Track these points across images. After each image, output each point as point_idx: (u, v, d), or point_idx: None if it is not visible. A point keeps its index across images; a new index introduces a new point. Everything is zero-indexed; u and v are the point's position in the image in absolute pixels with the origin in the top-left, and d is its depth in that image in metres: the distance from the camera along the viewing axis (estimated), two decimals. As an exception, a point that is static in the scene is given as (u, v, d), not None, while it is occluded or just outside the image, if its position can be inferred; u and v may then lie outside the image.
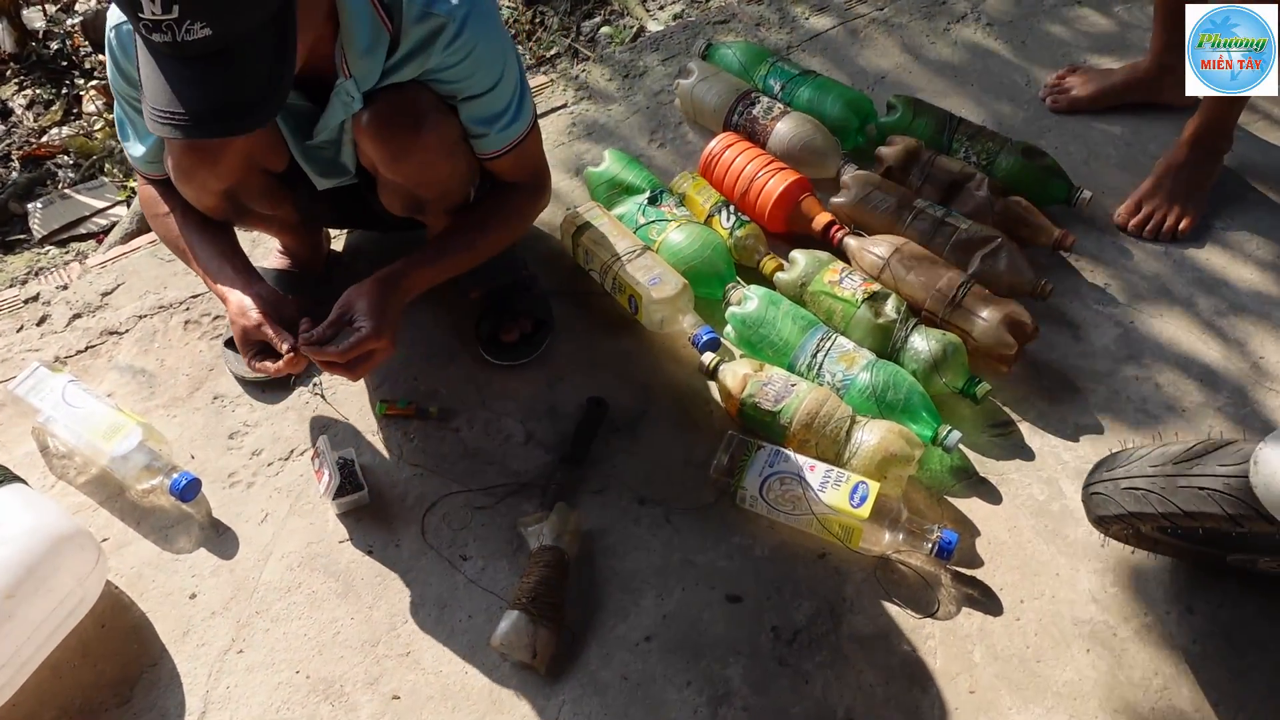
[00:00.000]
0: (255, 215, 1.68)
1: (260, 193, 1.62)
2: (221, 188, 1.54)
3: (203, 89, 1.18)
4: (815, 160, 2.08)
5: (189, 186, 1.54)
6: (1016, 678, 1.49)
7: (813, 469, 1.60)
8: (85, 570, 1.44)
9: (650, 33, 2.67)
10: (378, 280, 1.52)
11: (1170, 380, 1.84)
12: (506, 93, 1.53)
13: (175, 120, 1.18)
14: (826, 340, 1.77)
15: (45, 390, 1.67)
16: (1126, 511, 1.35)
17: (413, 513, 1.64)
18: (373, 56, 1.41)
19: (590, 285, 1.93)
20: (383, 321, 1.48)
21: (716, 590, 1.57)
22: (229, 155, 1.49)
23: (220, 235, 1.61)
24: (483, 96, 1.50)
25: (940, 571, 1.59)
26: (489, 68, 1.48)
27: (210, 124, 1.20)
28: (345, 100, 1.45)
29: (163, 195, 1.61)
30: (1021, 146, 2.08)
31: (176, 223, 1.60)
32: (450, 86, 1.49)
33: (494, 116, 1.54)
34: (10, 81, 2.78)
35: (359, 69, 1.42)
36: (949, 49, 2.48)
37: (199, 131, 1.20)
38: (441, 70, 1.46)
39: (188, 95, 1.17)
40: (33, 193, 2.47)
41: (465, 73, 1.47)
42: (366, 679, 1.48)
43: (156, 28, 1.13)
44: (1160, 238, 2.08)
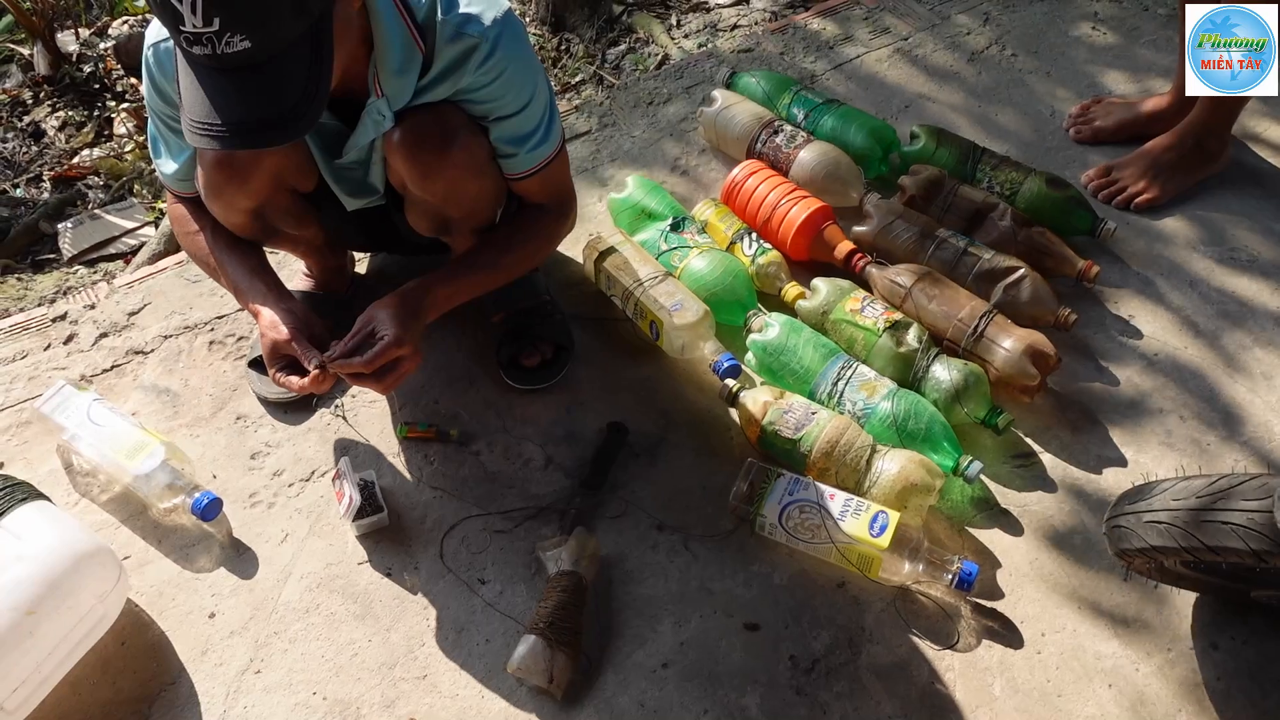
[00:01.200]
0: (282, 235, 1.69)
1: (288, 212, 1.63)
2: (250, 206, 1.56)
3: (241, 101, 1.20)
4: (838, 189, 2.08)
5: (218, 204, 1.56)
6: (1037, 712, 1.47)
7: (833, 497, 1.59)
8: (106, 588, 1.45)
9: (674, 60, 2.69)
10: (400, 294, 1.53)
11: (1195, 414, 1.82)
12: (536, 114, 1.54)
13: (214, 131, 1.20)
14: (848, 369, 1.76)
15: (70, 408, 1.69)
16: (1149, 545, 1.34)
17: (432, 535, 1.65)
18: (405, 76, 1.42)
19: (612, 311, 1.93)
20: (406, 330, 1.48)
21: (734, 618, 1.56)
22: (258, 174, 1.51)
23: (250, 253, 1.63)
24: (513, 117, 1.52)
25: (960, 603, 1.58)
26: (520, 89, 1.50)
27: (248, 135, 1.21)
28: (376, 119, 1.47)
29: (193, 214, 1.63)
30: (1045, 177, 2.08)
31: (206, 241, 1.62)
32: (481, 107, 1.50)
33: (524, 137, 1.55)
34: (44, 103, 2.82)
35: (391, 88, 1.43)
36: (973, 77, 2.48)
37: (237, 142, 1.22)
38: (473, 91, 1.47)
39: (226, 107, 1.19)
40: (63, 213, 2.51)
41: (497, 93, 1.48)
42: (383, 701, 1.48)
43: (197, 40, 1.15)
44: (1115, 203, 2.15)
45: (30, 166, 2.65)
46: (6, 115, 2.79)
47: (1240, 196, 2.18)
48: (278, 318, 1.51)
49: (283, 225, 1.65)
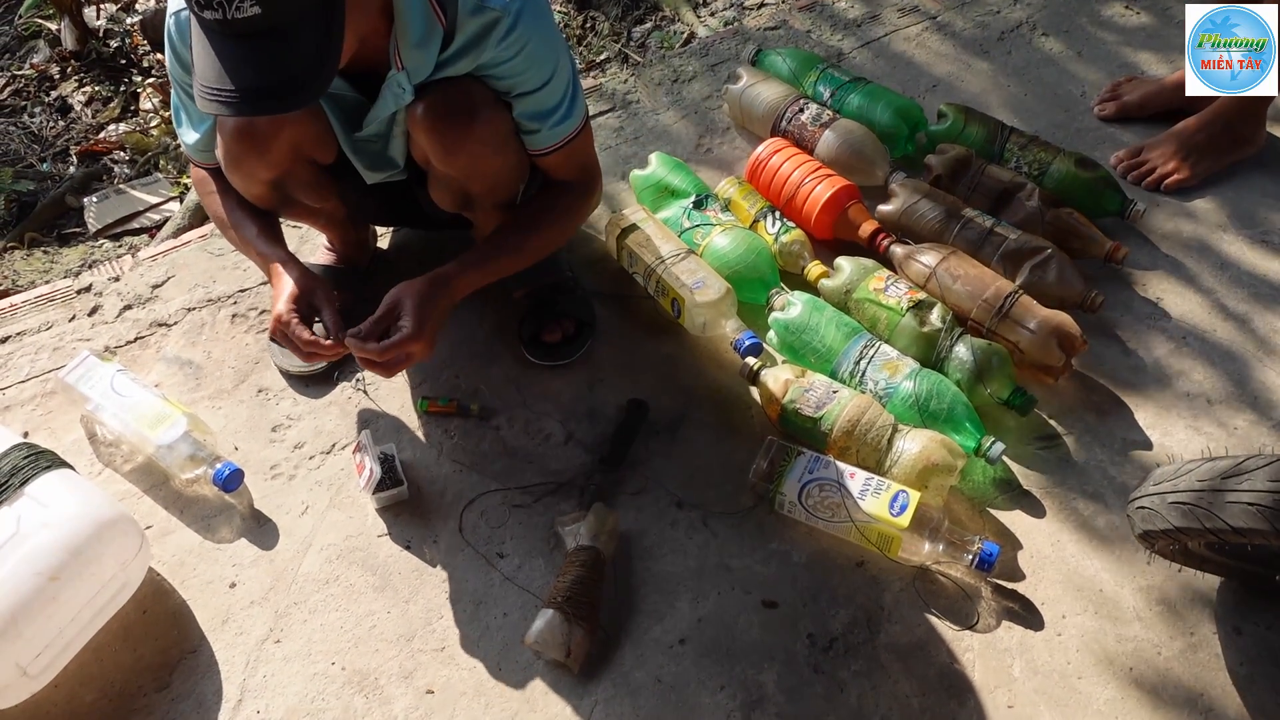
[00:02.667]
0: (303, 208, 1.70)
1: (308, 184, 1.63)
2: (270, 177, 1.56)
3: (251, 67, 1.20)
4: (863, 167, 2.06)
5: (238, 174, 1.56)
6: (1057, 694, 1.46)
7: (853, 476, 1.58)
8: (128, 556, 1.46)
9: (700, 38, 2.67)
10: (429, 280, 1.53)
11: (1223, 397, 1.80)
12: (559, 89, 1.53)
13: (224, 97, 1.20)
14: (870, 348, 1.75)
15: (94, 379, 1.70)
16: (1173, 527, 1.32)
17: (451, 509, 1.65)
18: (426, 49, 1.42)
19: (633, 288, 1.93)
20: (424, 324, 1.49)
21: (752, 595, 1.56)
22: (278, 144, 1.51)
23: (269, 222, 1.64)
24: (536, 93, 1.51)
25: (980, 584, 1.57)
26: (542, 63, 1.49)
27: (258, 101, 1.22)
28: (396, 92, 1.46)
29: (214, 180, 1.65)
30: (1075, 157, 2.06)
31: (228, 201, 1.63)
32: (504, 82, 1.49)
33: (547, 112, 1.54)
34: (71, 78, 2.83)
35: (412, 61, 1.43)
36: (1003, 57, 2.45)
37: (248, 108, 1.22)
38: (495, 65, 1.46)
39: (237, 73, 1.20)
40: (89, 187, 2.53)
41: (519, 68, 1.47)
42: (401, 672, 1.49)
43: (208, 5, 1.15)
44: (1144, 185, 2.13)
45: (57, 141, 2.66)
46: (34, 90, 2.81)
47: (1274, 179, 2.15)
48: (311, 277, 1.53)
49: (303, 197, 1.65)
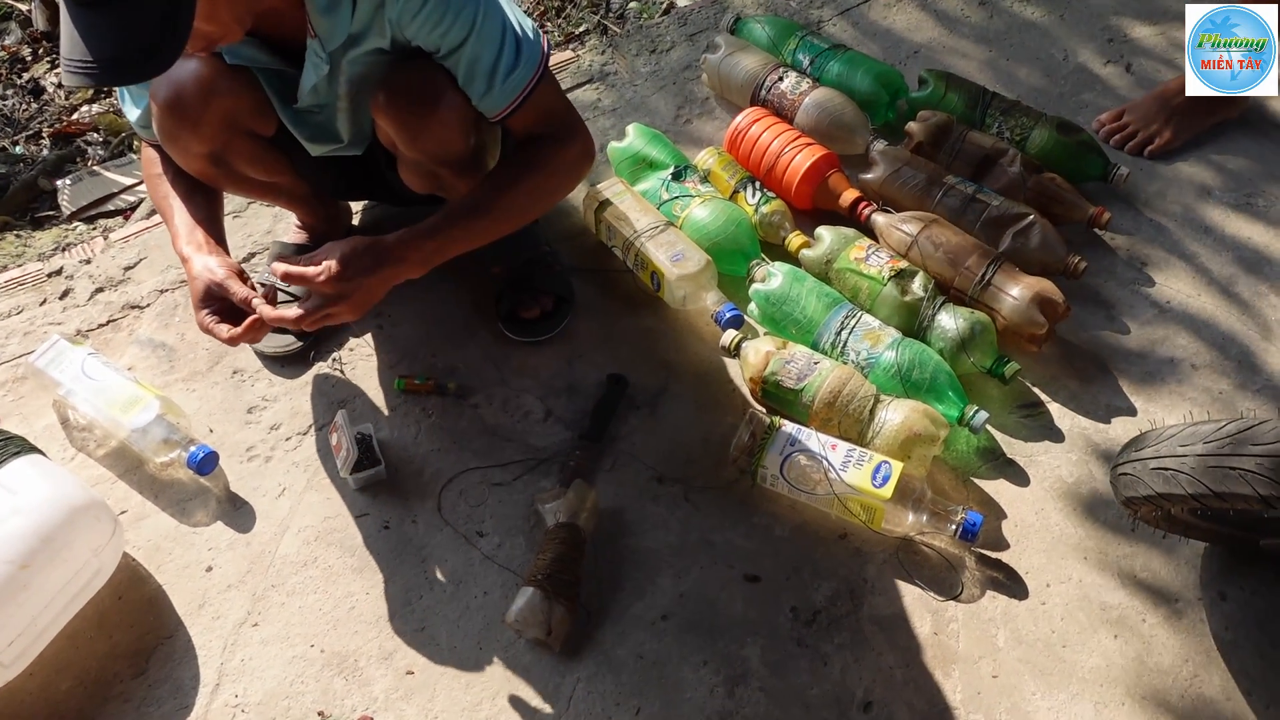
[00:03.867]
0: (254, 183, 1.67)
1: (250, 157, 1.60)
2: (206, 150, 1.54)
3: (101, 35, 1.17)
4: (844, 136, 2.04)
5: (175, 148, 1.54)
6: (1041, 663, 1.46)
7: (835, 448, 1.57)
8: (101, 541, 1.44)
9: (679, 7, 2.63)
10: (364, 239, 1.45)
11: (1207, 362, 1.78)
12: (492, 38, 1.43)
13: (82, 68, 1.17)
14: (851, 318, 1.73)
15: (65, 363, 1.67)
16: (1155, 492, 1.31)
17: (430, 488, 1.63)
18: (334, 14, 1.38)
19: (612, 262, 1.91)
20: (339, 276, 1.41)
21: (735, 570, 1.55)
22: (209, 116, 1.49)
23: (203, 202, 1.59)
24: (464, 46, 1.42)
25: (964, 554, 1.56)
26: (456, 9, 1.40)
27: (113, 71, 1.19)
28: (315, 61, 1.44)
29: (160, 158, 1.62)
30: (1056, 122, 2.03)
31: (166, 183, 1.60)
32: (425, 39, 1.42)
33: (489, 65, 1.45)
34: (43, 60, 2.79)
35: (322, 28, 1.40)
36: (984, 22, 2.43)
37: (106, 78, 1.19)
38: (408, 22, 1.40)
39: (93, 43, 1.17)
40: (62, 169, 2.49)
41: (432, 19, 1.39)
42: (381, 654, 1.47)
43: None
44: (1128, 149, 2.12)
45: (29, 123, 2.62)
46: (5, 72, 2.76)
47: (1258, 141, 2.13)
48: (214, 261, 1.48)
49: (248, 171, 1.62)
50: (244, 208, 2.03)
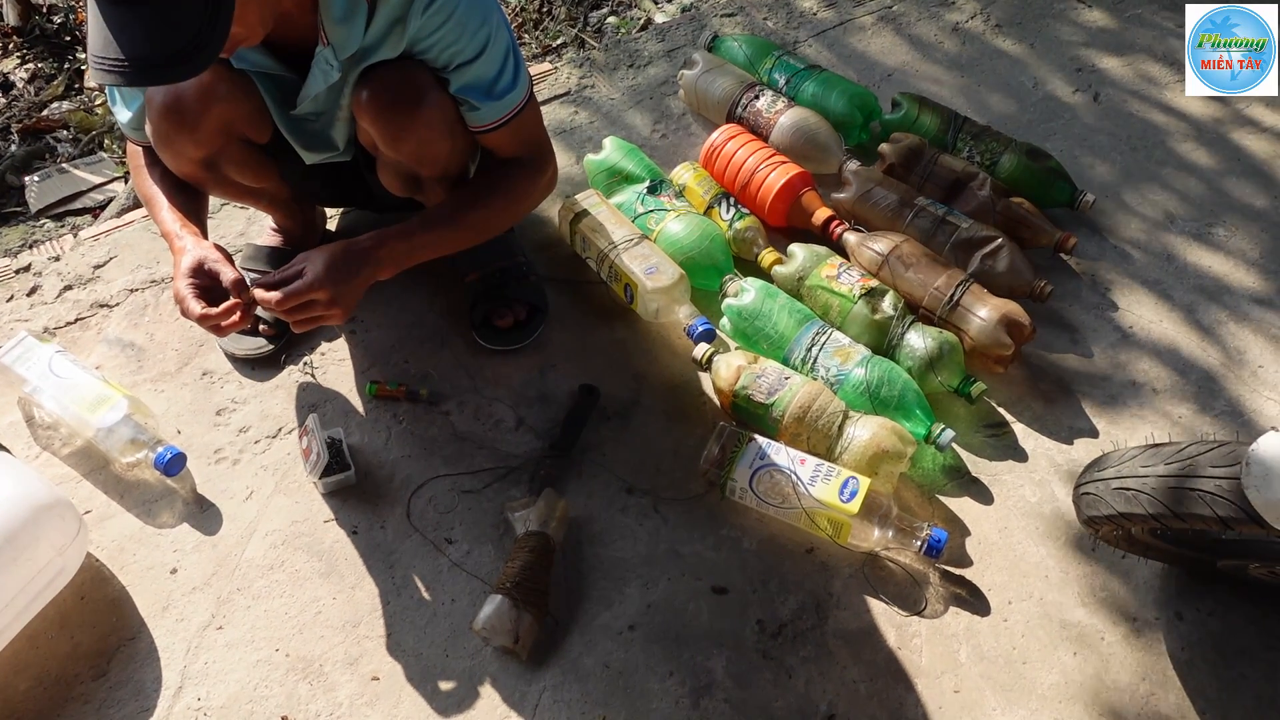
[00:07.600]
0: (240, 188, 1.66)
1: (242, 163, 1.60)
2: (200, 155, 1.53)
3: (137, 33, 1.16)
4: (817, 155, 2.06)
5: (168, 152, 1.53)
6: (1002, 679, 1.48)
7: (803, 463, 1.58)
8: (65, 541, 1.43)
9: (657, 24, 2.65)
10: (344, 244, 1.48)
11: (1168, 386, 1.82)
12: (496, 59, 1.49)
13: (115, 67, 1.17)
14: (822, 334, 1.75)
15: (32, 360, 1.66)
16: (1117, 512, 1.33)
17: (399, 494, 1.63)
18: (350, 24, 1.39)
19: (586, 273, 1.91)
20: (330, 279, 1.43)
21: (702, 581, 1.55)
22: (207, 121, 1.48)
23: (189, 199, 1.59)
24: (472, 64, 1.47)
25: (929, 570, 1.57)
26: (473, 30, 1.44)
27: (148, 71, 1.18)
28: (325, 69, 1.44)
29: (146, 156, 1.61)
30: (1025, 147, 2.07)
31: (154, 177, 1.59)
32: (440, 54, 1.45)
33: (487, 84, 1.50)
34: (13, 55, 2.76)
35: (336, 36, 1.40)
36: (957, 48, 2.47)
37: (140, 78, 1.19)
38: (425, 37, 1.43)
39: (123, 40, 1.16)
40: (31, 166, 2.46)
41: (449, 38, 1.43)
42: (346, 659, 1.47)
43: None
44: None
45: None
46: (-25, 66, 2.73)
47: (1220, 174, 2.18)
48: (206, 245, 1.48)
49: (238, 177, 1.62)
50: (217, 209, 2.01)
